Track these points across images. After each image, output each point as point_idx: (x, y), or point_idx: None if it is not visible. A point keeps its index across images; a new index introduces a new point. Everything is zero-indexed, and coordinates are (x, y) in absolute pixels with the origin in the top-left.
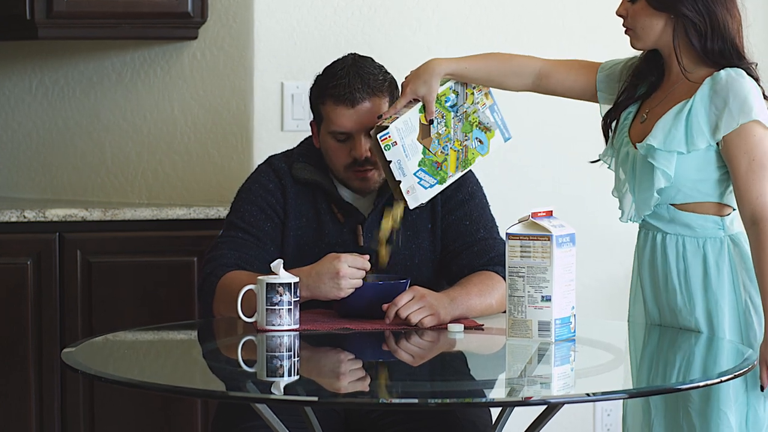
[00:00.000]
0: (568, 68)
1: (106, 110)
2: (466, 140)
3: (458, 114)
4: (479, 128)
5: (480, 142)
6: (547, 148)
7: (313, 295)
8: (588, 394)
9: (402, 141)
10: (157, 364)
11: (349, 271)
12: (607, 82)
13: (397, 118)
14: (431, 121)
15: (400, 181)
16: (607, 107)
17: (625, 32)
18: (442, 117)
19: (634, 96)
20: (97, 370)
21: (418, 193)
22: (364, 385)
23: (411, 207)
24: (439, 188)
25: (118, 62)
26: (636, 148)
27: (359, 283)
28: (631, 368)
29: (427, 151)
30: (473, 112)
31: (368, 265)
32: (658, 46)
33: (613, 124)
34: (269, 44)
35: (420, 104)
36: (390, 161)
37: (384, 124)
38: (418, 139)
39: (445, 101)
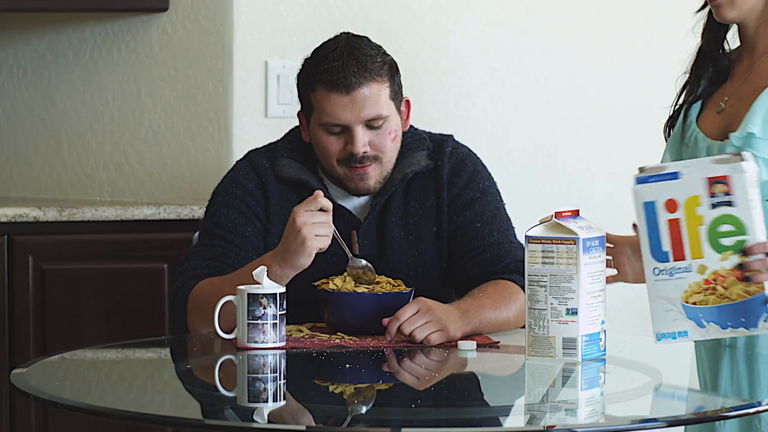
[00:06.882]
0: None
1: (62, 93)
2: None
3: None
4: None
5: None
6: (573, 138)
7: (289, 266)
8: (620, 423)
9: None
10: (121, 387)
11: (306, 216)
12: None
13: None
14: None
15: None
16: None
17: (711, 2)
18: None
19: (698, 93)
20: (51, 395)
21: None
22: (360, 412)
23: None
24: None
25: (76, 38)
26: (713, 140)
27: (327, 222)
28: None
29: None
30: None
31: (328, 204)
32: (747, 17)
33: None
34: (251, 17)
35: None
36: None
37: None
38: None
39: None
